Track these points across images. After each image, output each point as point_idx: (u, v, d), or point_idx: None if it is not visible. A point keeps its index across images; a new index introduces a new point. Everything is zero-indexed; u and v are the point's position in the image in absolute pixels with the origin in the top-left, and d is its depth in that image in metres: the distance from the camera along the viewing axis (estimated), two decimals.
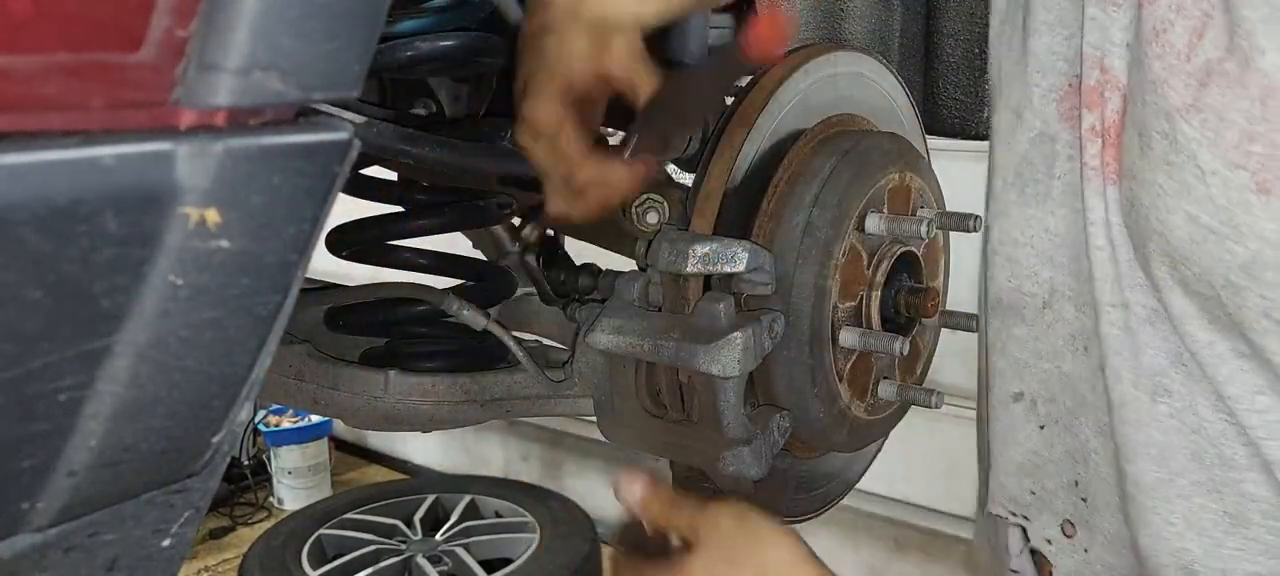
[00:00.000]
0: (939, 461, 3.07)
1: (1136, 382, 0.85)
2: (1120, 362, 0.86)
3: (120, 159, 0.43)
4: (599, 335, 0.93)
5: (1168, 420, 0.84)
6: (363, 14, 0.51)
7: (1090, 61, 0.85)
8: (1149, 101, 0.78)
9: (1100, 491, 0.93)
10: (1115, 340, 0.86)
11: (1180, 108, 0.75)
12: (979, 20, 1.36)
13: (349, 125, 0.52)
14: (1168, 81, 0.76)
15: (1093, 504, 0.94)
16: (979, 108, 1.39)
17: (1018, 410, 0.99)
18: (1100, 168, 0.85)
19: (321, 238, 0.57)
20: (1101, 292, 0.87)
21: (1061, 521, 0.97)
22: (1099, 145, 0.85)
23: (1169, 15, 0.76)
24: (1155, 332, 0.84)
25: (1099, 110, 0.85)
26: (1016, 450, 1.00)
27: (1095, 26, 0.84)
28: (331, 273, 1.24)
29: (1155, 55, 0.77)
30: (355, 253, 1.24)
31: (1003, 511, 1.03)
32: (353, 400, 1.10)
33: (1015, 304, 0.96)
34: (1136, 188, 0.80)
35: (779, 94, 0.99)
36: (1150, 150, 0.78)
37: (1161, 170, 0.77)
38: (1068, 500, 0.96)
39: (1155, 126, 0.77)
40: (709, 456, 0.93)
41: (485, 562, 3.08)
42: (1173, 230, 0.77)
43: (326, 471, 4.27)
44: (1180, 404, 0.84)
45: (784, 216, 0.97)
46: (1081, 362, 0.92)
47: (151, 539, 0.57)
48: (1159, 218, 0.78)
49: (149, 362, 0.48)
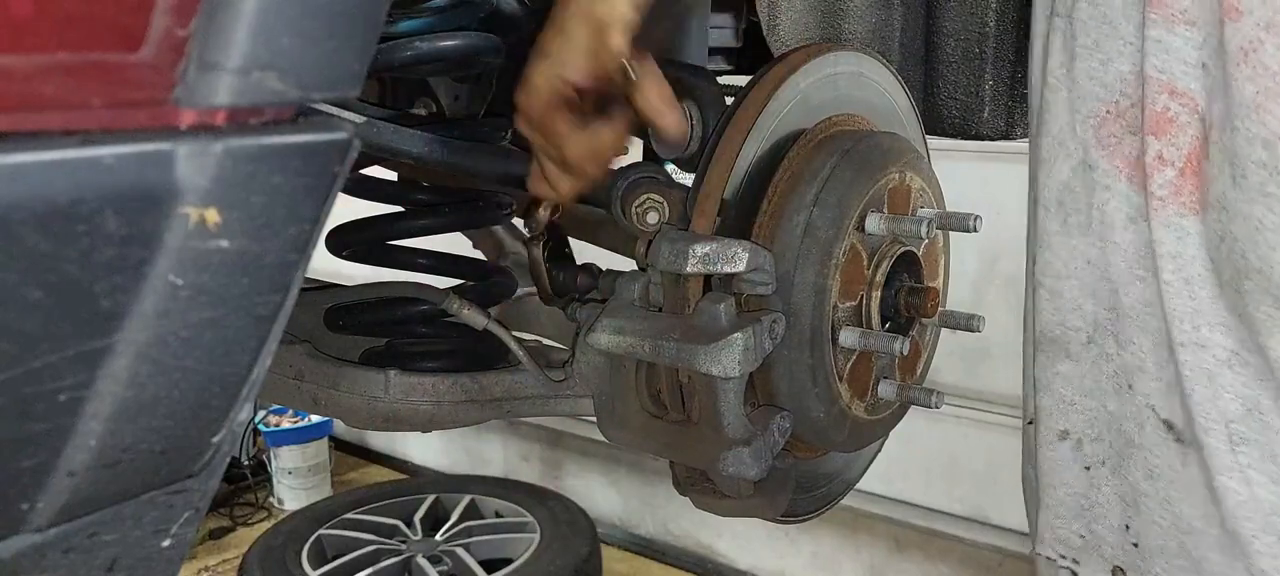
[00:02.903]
0: (939, 461, 3.07)
1: (1210, 430, 0.82)
2: (1196, 405, 0.82)
3: (120, 159, 0.43)
4: (599, 335, 0.93)
5: (1249, 470, 0.81)
6: (363, 14, 0.51)
7: (1157, 85, 0.80)
8: (1240, 128, 0.73)
9: (1153, 536, 0.89)
10: (1191, 382, 0.82)
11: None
12: (979, 20, 1.36)
13: (349, 125, 0.52)
14: (1265, 105, 0.71)
15: (1145, 549, 0.90)
16: (979, 108, 1.39)
17: (1064, 449, 0.95)
18: (1172, 198, 0.81)
19: (321, 238, 0.56)
20: (1175, 331, 0.82)
21: (1112, 567, 0.94)
22: (1170, 173, 0.80)
23: (1258, 33, 0.72)
24: (1234, 377, 0.80)
25: (1168, 136, 0.80)
26: (1064, 491, 0.97)
27: (1160, 49, 0.80)
28: (332, 273, 1.24)
29: (1246, 77, 0.72)
30: (355, 253, 1.24)
31: (1052, 553, 0.99)
32: (353, 400, 1.10)
33: (1060, 338, 0.93)
34: (1228, 221, 0.76)
35: (779, 94, 0.99)
36: (1245, 181, 0.74)
37: (1260, 202, 0.73)
38: (1118, 545, 0.93)
39: (1250, 155, 0.73)
40: (709, 456, 0.93)
41: (485, 562, 3.07)
42: (1276, 266, 0.73)
43: (326, 471, 4.26)
44: (1259, 454, 0.80)
45: (784, 216, 0.97)
46: (1126, 401, 0.89)
47: (151, 539, 0.57)
48: (1259, 254, 0.74)
49: (149, 362, 0.48)
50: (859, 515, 3.28)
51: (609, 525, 3.83)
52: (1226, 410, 0.81)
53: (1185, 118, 0.80)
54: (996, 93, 1.38)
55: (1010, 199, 2.36)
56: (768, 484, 0.94)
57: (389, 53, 1.01)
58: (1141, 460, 0.89)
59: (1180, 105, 0.80)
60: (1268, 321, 0.77)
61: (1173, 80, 0.80)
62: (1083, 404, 0.93)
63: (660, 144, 1.10)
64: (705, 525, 3.63)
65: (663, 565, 3.73)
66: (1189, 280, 0.81)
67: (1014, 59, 1.40)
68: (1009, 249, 2.70)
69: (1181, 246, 0.81)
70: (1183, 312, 0.82)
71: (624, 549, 3.81)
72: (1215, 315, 0.80)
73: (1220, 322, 0.80)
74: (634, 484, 3.81)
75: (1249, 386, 0.80)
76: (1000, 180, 2.66)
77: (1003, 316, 1.75)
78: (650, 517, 3.80)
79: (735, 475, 0.91)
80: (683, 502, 1.03)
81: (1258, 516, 0.81)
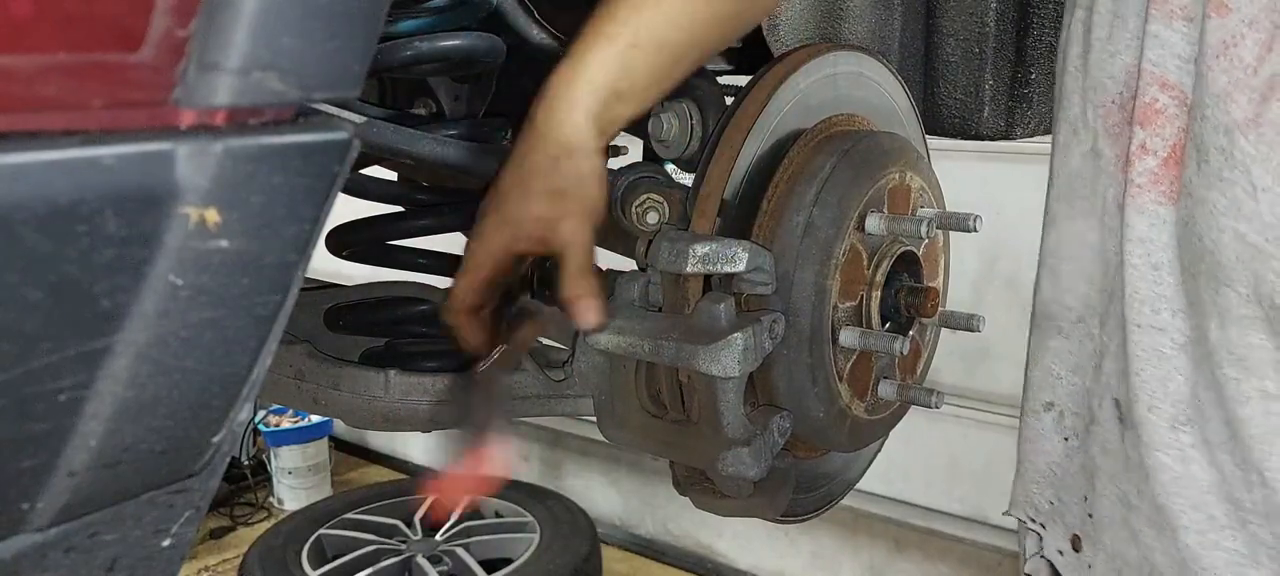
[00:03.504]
0: (939, 461, 3.07)
1: (1154, 408, 0.84)
2: (1141, 385, 0.85)
3: (120, 159, 0.43)
4: (599, 335, 0.93)
5: (1190, 449, 0.83)
6: (363, 14, 0.51)
7: (1149, 78, 0.82)
8: (1209, 117, 0.76)
9: (1105, 509, 0.92)
10: (1141, 362, 0.84)
11: (1241, 123, 0.73)
12: (979, 20, 1.36)
13: (349, 125, 0.52)
14: (1232, 95, 0.74)
15: (1098, 521, 0.93)
16: (979, 108, 1.39)
17: (1047, 420, 0.99)
18: (1150, 186, 0.83)
19: (321, 238, 0.57)
20: (1133, 313, 0.84)
21: (1071, 535, 0.97)
22: (1151, 162, 0.82)
23: (1241, 28, 0.74)
24: (1187, 360, 0.82)
25: (1154, 126, 0.82)
26: (1041, 459, 1.00)
27: (1157, 43, 0.82)
28: (332, 273, 1.24)
29: (1222, 69, 0.75)
30: (355, 253, 1.24)
31: (1023, 516, 1.03)
32: (353, 400, 1.10)
33: (1054, 315, 0.96)
34: (1192, 206, 0.78)
35: (779, 94, 0.99)
36: (1206, 166, 0.76)
37: (1216, 187, 0.75)
38: (1078, 514, 0.96)
39: (1213, 142, 0.75)
40: (709, 456, 0.93)
41: (485, 562, 3.07)
42: (1222, 249, 0.75)
43: (326, 471, 4.26)
44: (1200, 436, 0.82)
45: (784, 216, 0.97)
46: (1095, 379, 0.92)
47: (151, 539, 0.57)
48: (1211, 238, 0.76)
49: (149, 362, 0.48)
50: (859, 515, 3.28)
51: (609, 525, 3.83)
52: (1173, 392, 0.83)
53: (1173, 110, 0.81)
54: (996, 93, 1.38)
55: (1010, 199, 2.37)
56: (767, 484, 0.94)
57: (389, 53, 1.01)
58: (1098, 436, 0.92)
59: (1169, 97, 0.82)
60: (1210, 305, 0.79)
61: (1165, 73, 0.82)
62: (1068, 379, 0.96)
63: (660, 143, 1.11)
64: (705, 525, 3.63)
65: (663, 565, 3.73)
66: (1157, 266, 0.83)
67: (1014, 59, 1.40)
68: (1009, 249, 2.71)
69: (1153, 232, 0.83)
70: (1145, 297, 0.84)
71: (624, 549, 3.81)
72: (1177, 300, 0.82)
73: (1182, 308, 0.82)
74: (634, 484, 3.81)
75: (1197, 369, 0.82)
76: (1000, 180, 2.66)
77: (1003, 316, 1.75)
78: (650, 517, 3.80)
79: (735, 475, 0.91)
80: (683, 502, 1.03)
81: (1191, 492, 0.83)
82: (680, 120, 1.09)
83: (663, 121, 1.09)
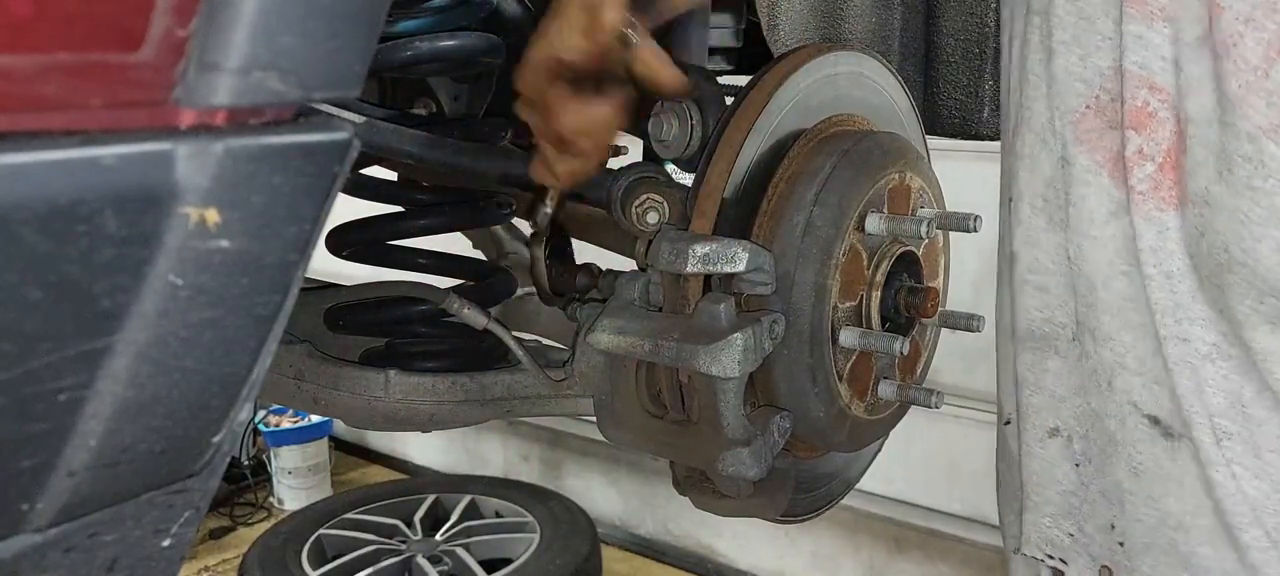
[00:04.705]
0: (939, 461, 3.07)
1: (1194, 423, 0.82)
2: (1182, 397, 0.82)
3: (120, 159, 0.43)
4: (599, 335, 0.93)
5: (1233, 464, 0.81)
6: (363, 14, 0.51)
7: (1136, 81, 0.81)
8: (1228, 122, 0.74)
9: (1138, 534, 0.89)
10: (1177, 375, 0.82)
11: (1265, 128, 0.71)
12: (979, 20, 1.36)
13: (349, 125, 0.52)
14: (1247, 99, 0.72)
15: (1130, 547, 0.90)
16: (979, 108, 1.39)
17: (1054, 447, 0.95)
18: (1151, 192, 0.81)
19: (321, 238, 0.56)
20: (1161, 325, 0.82)
21: (1099, 567, 0.93)
22: (1149, 168, 0.81)
23: (1237, 27, 0.73)
24: (1216, 371, 0.80)
25: (1148, 131, 0.81)
26: (1054, 490, 0.96)
27: (1140, 44, 0.80)
28: (332, 273, 1.24)
29: (1229, 72, 0.73)
30: (355, 253, 1.24)
31: (1039, 554, 0.99)
32: (353, 400, 1.10)
33: (1048, 335, 0.93)
34: (1212, 215, 0.77)
35: (779, 94, 0.99)
36: (1232, 175, 0.74)
37: (1246, 196, 0.73)
38: (1105, 544, 0.92)
39: (1237, 150, 0.73)
40: (709, 456, 0.93)
41: (485, 562, 3.08)
42: (1261, 259, 0.73)
43: (326, 471, 4.26)
44: (1242, 448, 0.80)
45: (784, 216, 0.97)
46: (1106, 399, 0.89)
47: (151, 539, 0.57)
48: (1243, 248, 0.74)
49: (149, 362, 0.48)
50: (859, 515, 3.28)
51: (609, 525, 3.83)
52: (1210, 404, 0.81)
53: (1164, 113, 0.80)
54: (996, 93, 1.39)
55: None
56: (767, 484, 0.94)
57: (389, 53, 1.01)
58: (1125, 457, 0.88)
59: (1159, 100, 0.80)
60: (1251, 315, 0.77)
61: (1151, 75, 0.80)
62: (1072, 400, 0.93)
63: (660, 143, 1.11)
64: (705, 525, 3.63)
65: (663, 565, 3.73)
66: (1169, 275, 0.82)
67: None
68: None
69: (1161, 240, 0.82)
70: (1166, 306, 0.82)
71: (624, 549, 3.81)
72: (1195, 310, 0.81)
73: (1200, 317, 0.81)
74: (634, 484, 3.81)
75: (1230, 379, 0.80)
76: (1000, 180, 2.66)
77: None
78: (650, 517, 3.80)
79: (735, 475, 0.91)
80: (683, 502, 1.03)
81: (1245, 510, 0.81)
82: (680, 120, 1.09)
83: (663, 121, 1.09)
